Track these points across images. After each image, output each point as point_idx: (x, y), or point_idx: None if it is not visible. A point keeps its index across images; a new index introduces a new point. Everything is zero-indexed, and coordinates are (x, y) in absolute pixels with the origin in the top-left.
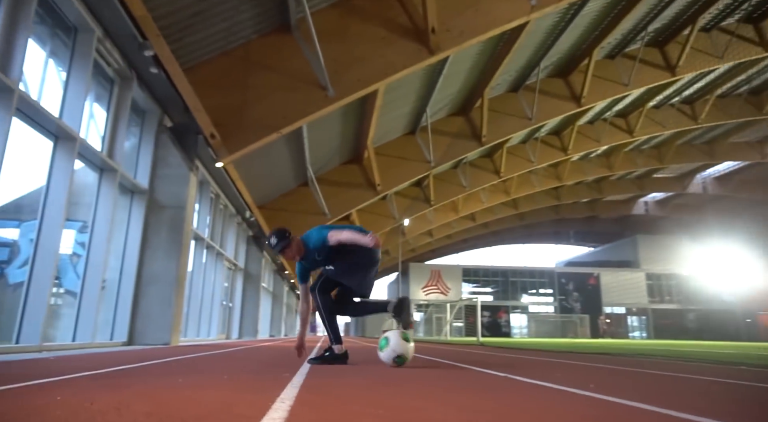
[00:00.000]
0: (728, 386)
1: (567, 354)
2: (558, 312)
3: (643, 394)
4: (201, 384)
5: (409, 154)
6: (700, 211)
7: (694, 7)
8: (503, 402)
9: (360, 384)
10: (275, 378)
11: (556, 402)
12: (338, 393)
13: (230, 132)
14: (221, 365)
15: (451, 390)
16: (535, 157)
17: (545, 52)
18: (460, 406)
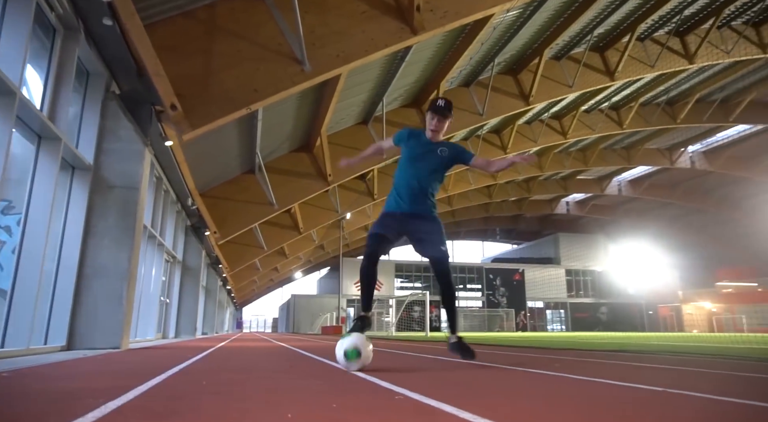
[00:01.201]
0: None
1: (528, 349)
2: (485, 306)
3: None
4: (357, 407)
5: (361, 145)
6: (614, 212)
7: (635, 15)
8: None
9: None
10: (385, 397)
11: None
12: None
13: (193, 104)
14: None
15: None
16: (477, 152)
17: (501, 48)
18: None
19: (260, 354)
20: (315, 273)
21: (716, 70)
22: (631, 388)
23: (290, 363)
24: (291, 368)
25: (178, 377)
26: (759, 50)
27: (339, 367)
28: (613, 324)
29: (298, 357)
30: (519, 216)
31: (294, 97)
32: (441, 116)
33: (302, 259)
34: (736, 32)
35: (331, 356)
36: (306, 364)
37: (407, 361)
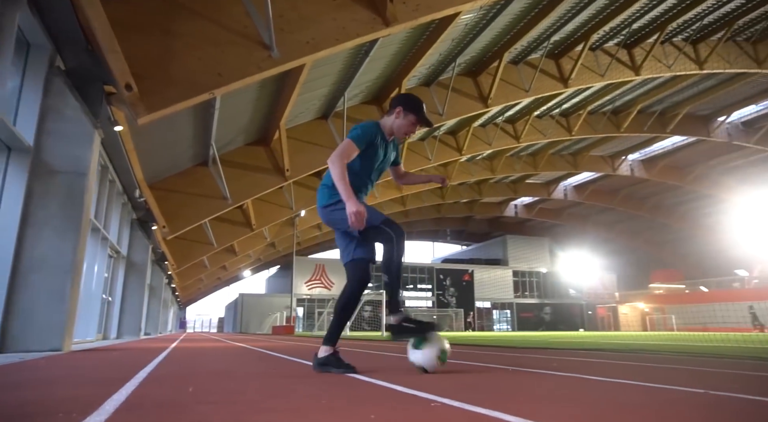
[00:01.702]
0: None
1: (503, 348)
2: (435, 306)
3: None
4: (399, 418)
5: (321, 140)
6: (559, 216)
7: (589, 25)
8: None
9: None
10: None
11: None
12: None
13: (151, 86)
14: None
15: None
16: (432, 155)
17: (463, 49)
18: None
19: (228, 356)
20: (264, 271)
21: (657, 82)
22: (667, 390)
23: (272, 365)
24: (275, 370)
25: (152, 384)
26: (696, 66)
27: (329, 372)
28: (555, 323)
29: (271, 358)
30: (469, 218)
31: (254, 86)
32: (424, 127)
33: (252, 257)
34: (677, 48)
35: (307, 357)
36: (290, 367)
37: (399, 363)
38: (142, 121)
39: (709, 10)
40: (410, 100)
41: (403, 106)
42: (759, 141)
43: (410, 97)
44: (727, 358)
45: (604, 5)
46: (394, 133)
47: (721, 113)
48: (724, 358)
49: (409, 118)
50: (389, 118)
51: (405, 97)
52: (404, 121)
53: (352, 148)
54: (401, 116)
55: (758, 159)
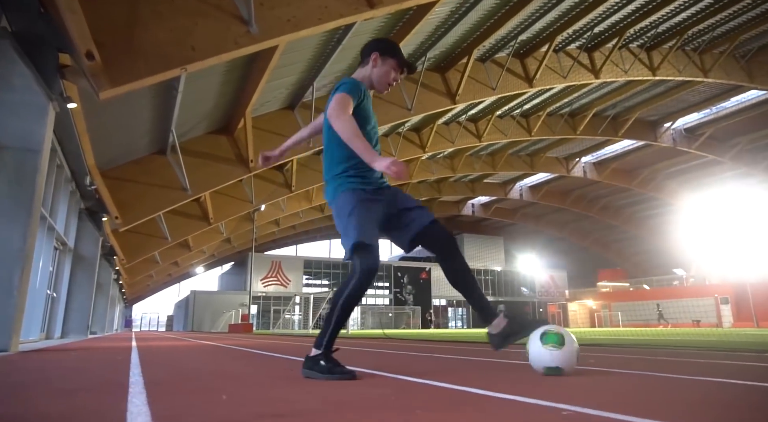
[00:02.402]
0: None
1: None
2: (393, 304)
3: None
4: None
5: (287, 131)
6: (514, 215)
7: (554, 26)
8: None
9: None
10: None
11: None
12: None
13: (115, 56)
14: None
15: None
16: (396, 151)
17: (434, 43)
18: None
19: (209, 354)
20: (217, 268)
21: (613, 87)
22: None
23: (272, 364)
24: (283, 370)
25: (165, 392)
26: (649, 72)
27: (315, 378)
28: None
29: (259, 357)
30: None
31: (220, 69)
32: (409, 71)
33: (206, 253)
34: (633, 54)
35: (293, 353)
36: (294, 366)
37: (432, 363)
38: (104, 96)
39: (663, 19)
40: (384, 43)
41: (379, 50)
42: (699, 147)
43: (383, 40)
44: (720, 351)
45: (570, 7)
46: (375, 87)
47: (668, 119)
48: (717, 351)
49: (389, 62)
50: (364, 70)
51: (378, 41)
52: (384, 68)
53: (347, 99)
54: (378, 63)
55: (698, 164)
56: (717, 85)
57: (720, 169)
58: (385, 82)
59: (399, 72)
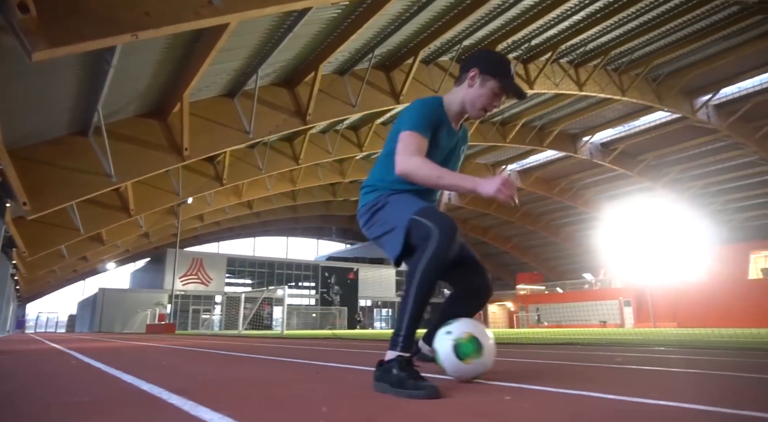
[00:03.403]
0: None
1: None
2: (319, 304)
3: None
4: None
5: (225, 119)
6: None
7: (497, 34)
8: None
9: None
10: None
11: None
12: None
13: (55, 13)
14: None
15: None
16: (333, 149)
17: (383, 40)
18: None
19: (191, 357)
20: (129, 265)
21: (542, 99)
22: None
23: (317, 370)
24: (318, 373)
25: (226, 404)
26: (576, 87)
27: (397, 395)
28: (432, 320)
29: (268, 361)
30: (356, 217)
31: (159, 46)
32: (517, 98)
33: (120, 248)
34: (563, 69)
35: (269, 352)
36: (324, 371)
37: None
38: (39, 57)
39: (591, 38)
40: (488, 59)
41: (480, 67)
42: (613, 161)
43: (488, 55)
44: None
45: (512, 18)
46: (467, 111)
47: (587, 133)
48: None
49: (489, 84)
50: (459, 90)
51: (480, 56)
52: (482, 90)
53: (417, 138)
54: (477, 83)
55: (610, 176)
56: (631, 104)
57: (627, 182)
58: (479, 108)
59: (501, 97)
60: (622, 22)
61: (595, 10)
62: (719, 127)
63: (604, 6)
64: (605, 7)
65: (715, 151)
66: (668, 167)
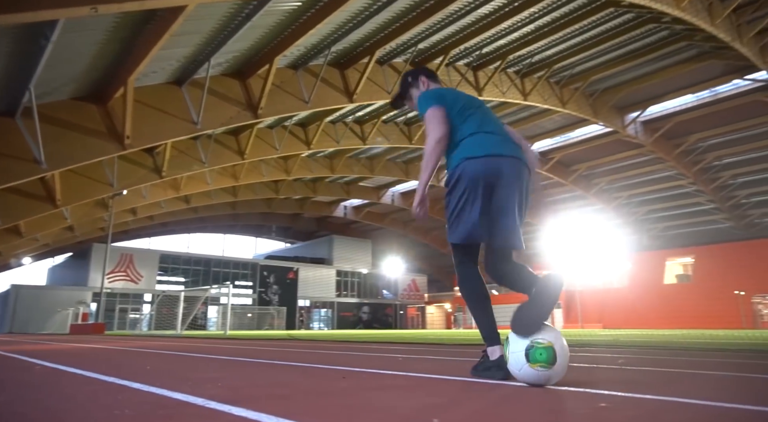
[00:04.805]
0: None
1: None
2: (257, 304)
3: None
4: None
5: (171, 108)
6: (384, 220)
7: (451, 40)
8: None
9: None
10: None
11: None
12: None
13: None
14: None
15: None
16: (280, 145)
17: (340, 37)
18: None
19: (189, 362)
20: (48, 259)
21: (490, 106)
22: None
23: (342, 375)
24: (344, 379)
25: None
26: (521, 97)
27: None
28: (371, 322)
29: (268, 365)
30: (298, 216)
31: (106, 25)
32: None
33: (39, 241)
34: (510, 78)
35: (242, 354)
36: (327, 374)
37: (446, 366)
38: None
39: (538, 50)
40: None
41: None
42: (549, 169)
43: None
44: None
45: (467, 25)
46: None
47: (529, 142)
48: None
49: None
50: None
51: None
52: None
53: (437, 111)
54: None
55: (547, 184)
56: (569, 116)
57: (562, 190)
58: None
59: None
60: (566, 37)
61: (544, 24)
62: (644, 143)
63: (551, 21)
64: (553, 22)
65: (640, 164)
66: (598, 178)
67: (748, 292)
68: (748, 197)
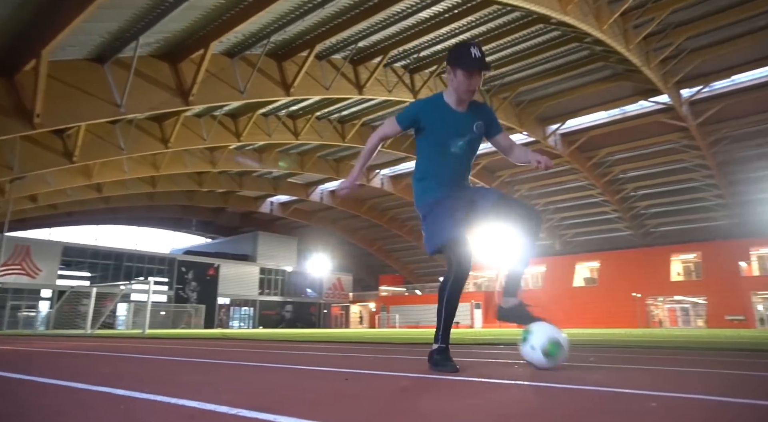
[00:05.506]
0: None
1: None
2: (173, 301)
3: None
4: None
5: (90, 88)
6: (311, 217)
7: (391, 40)
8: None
9: None
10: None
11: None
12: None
13: None
14: None
15: None
16: (208, 135)
17: (281, 27)
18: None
19: (153, 364)
20: None
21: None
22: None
23: (345, 377)
24: (347, 380)
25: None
26: (411, 95)
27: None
28: (294, 321)
29: (270, 369)
30: (221, 210)
31: None
32: (482, 70)
33: None
34: (444, 85)
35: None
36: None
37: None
38: None
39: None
40: (452, 53)
41: (448, 63)
42: (475, 175)
43: (452, 50)
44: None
45: (408, 26)
46: (462, 98)
47: None
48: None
49: (458, 73)
50: (450, 84)
51: (449, 53)
52: (457, 80)
53: (390, 124)
54: (452, 75)
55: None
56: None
57: None
58: (465, 90)
59: (473, 76)
60: (499, 48)
61: (480, 33)
62: (562, 153)
63: (487, 30)
64: (488, 32)
65: (557, 174)
66: (519, 184)
67: (643, 295)
68: (647, 208)
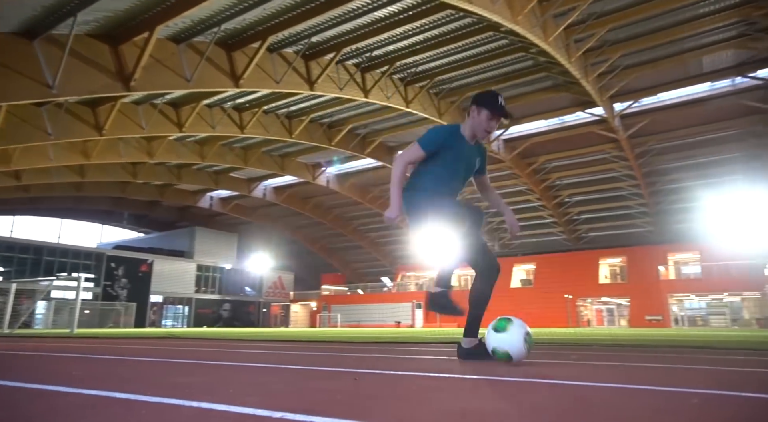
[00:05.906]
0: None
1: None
2: (100, 299)
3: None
4: None
5: (19, 66)
6: (253, 214)
7: (345, 37)
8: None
9: None
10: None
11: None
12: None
13: None
14: None
15: None
16: (147, 124)
17: (233, 15)
18: None
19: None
20: None
21: (371, 109)
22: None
23: (354, 377)
24: (356, 381)
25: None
26: (404, 103)
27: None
28: (232, 320)
29: (269, 369)
30: (156, 203)
31: None
32: (502, 117)
33: None
34: (394, 85)
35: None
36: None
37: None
38: None
39: (422, 61)
40: (482, 95)
41: (476, 102)
42: None
43: (483, 93)
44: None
45: (363, 25)
46: (476, 134)
47: (402, 147)
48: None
49: (482, 114)
50: (469, 119)
51: (478, 94)
52: (479, 118)
53: (416, 150)
54: (475, 114)
55: None
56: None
57: None
58: (482, 130)
59: (494, 120)
60: (450, 52)
61: (432, 37)
62: (505, 159)
63: (439, 34)
64: (440, 35)
65: (499, 178)
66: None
67: (574, 296)
68: (579, 214)
